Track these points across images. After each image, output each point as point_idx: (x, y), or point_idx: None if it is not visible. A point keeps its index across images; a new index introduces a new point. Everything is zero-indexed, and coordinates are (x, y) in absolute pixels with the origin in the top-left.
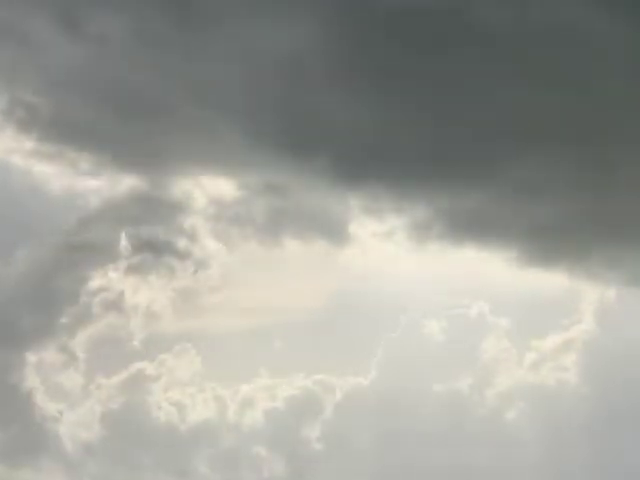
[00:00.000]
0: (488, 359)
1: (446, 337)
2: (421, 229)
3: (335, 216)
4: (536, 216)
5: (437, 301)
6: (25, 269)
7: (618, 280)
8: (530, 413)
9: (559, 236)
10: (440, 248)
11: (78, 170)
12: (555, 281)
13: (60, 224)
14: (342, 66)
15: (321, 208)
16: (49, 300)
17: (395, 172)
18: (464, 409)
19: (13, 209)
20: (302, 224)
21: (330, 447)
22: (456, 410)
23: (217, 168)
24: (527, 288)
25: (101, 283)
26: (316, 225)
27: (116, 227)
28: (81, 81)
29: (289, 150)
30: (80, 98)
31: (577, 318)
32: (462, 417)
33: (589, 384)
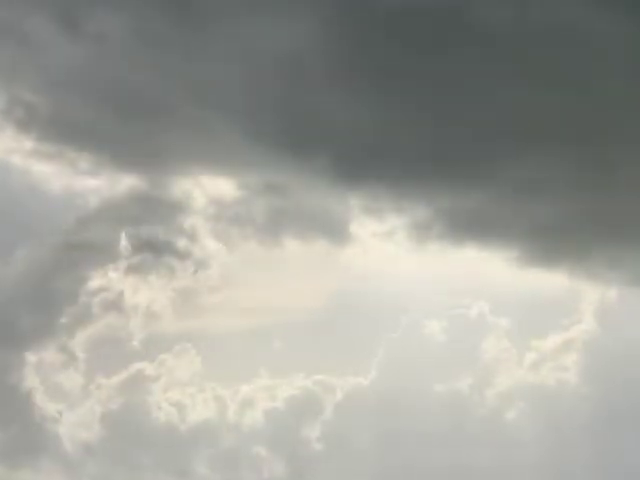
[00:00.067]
0: (488, 359)
1: (446, 337)
2: (421, 229)
3: (335, 216)
4: (536, 216)
5: (437, 301)
6: (24, 269)
7: (618, 280)
8: (530, 413)
9: (559, 236)
10: (440, 248)
11: (77, 170)
12: (555, 281)
13: (59, 224)
14: (342, 66)
15: (321, 208)
16: (49, 300)
17: (395, 172)
18: (464, 409)
19: (12, 209)
20: (302, 224)
21: (330, 447)
22: (456, 410)
23: (217, 168)
24: (527, 288)
25: (101, 283)
26: (316, 225)
27: (116, 227)
28: (80, 81)
29: (289, 150)
30: (79, 98)
31: (577, 318)
32: (462, 417)
33: (589, 384)
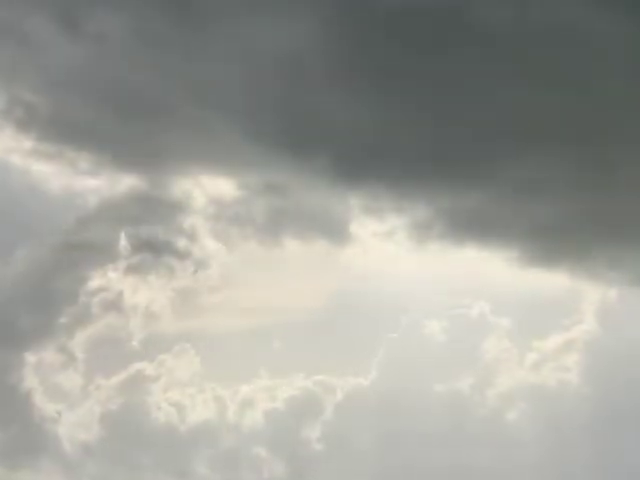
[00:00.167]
0: (489, 359)
1: (447, 337)
2: (422, 229)
3: (335, 216)
4: (537, 216)
5: (438, 301)
6: (24, 269)
7: (619, 280)
8: (531, 413)
9: (560, 236)
10: (441, 248)
11: (77, 170)
12: (556, 281)
13: (59, 224)
14: (342, 66)
15: (321, 208)
16: (48, 300)
17: (395, 172)
18: (465, 409)
19: (12, 209)
20: (302, 224)
21: (330, 448)
22: (457, 410)
23: (217, 168)
24: (528, 288)
25: (100, 283)
26: (316, 225)
27: (115, 227)
28: (80, 81)
29: (289, 150)
30: (79, 98)
31: (578, 318)
32: (463, 417)
33: (590, 384)
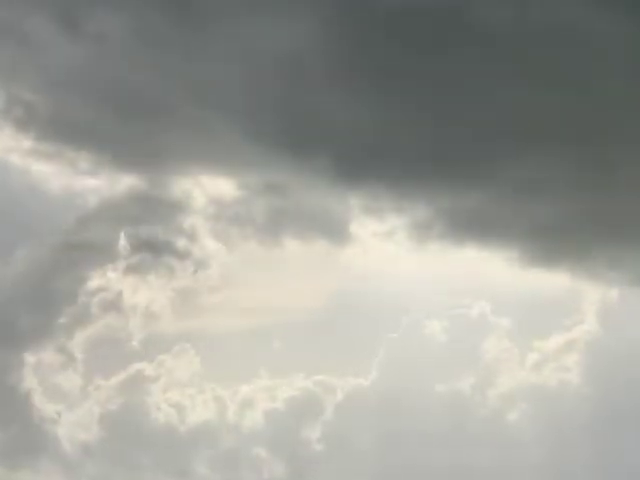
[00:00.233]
0: (490, 359)
1: (447, 337)
2: (422, 229)
3: (335, 216)
4: (537, 216)
5: (438, 301)
6: (23, 269)
7: (620, 280)
8: (532, 414)
9: (561, 236)
10: (441, 248)
11: (77, 169)
12: (557, 281)
13: (59, 224)
14: (342, 66)
15: (321, 208)
16: (47, 300)
17: (395, 172)
18: (466, 410)
19: (12, 209)
20: (302, 224)
21: (331, 448)
22: (457, 411)
23: (217, 168)
24: (529, 288)
25: (100, 283)
26: (316, 225)
27: (115, 227)
28: (80, 80)
29: (289, 150)
30: (79, 97)
31: (579, 318)
32: (464, 418)
33: (591, 384)
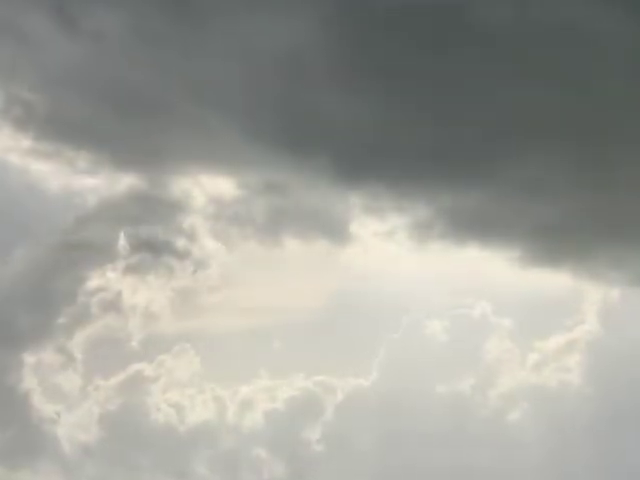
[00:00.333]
0: (491, 360)
1: (448, 337)
2: (422, 228)
3: (336, 215)
4: (539, 216)
5: (439, 301)
6: (22, 269)
7: (621, 280)
8: (533, 414)
9: (562, 236)
10: (442, 248)
11: (76, 169)
12: (558, 281)
13: (58, 223)
14: (342, 64)
15: (321, 207)
16: (47, 300)
17: (396, 171)
18: (466, 410)
19: (10, 208)
20: (302, 223)
21: (331, 449)
22: (458, 411)
23: (216, 167)
24: (530, 288)
25: (99, 283)
26: (316, 224)
27: (114, 226)
28: (79, 79)
29: (289, 149)
30: (78, 96)
31: (580, 318)
32: (464, 418)
33: (592, 385)
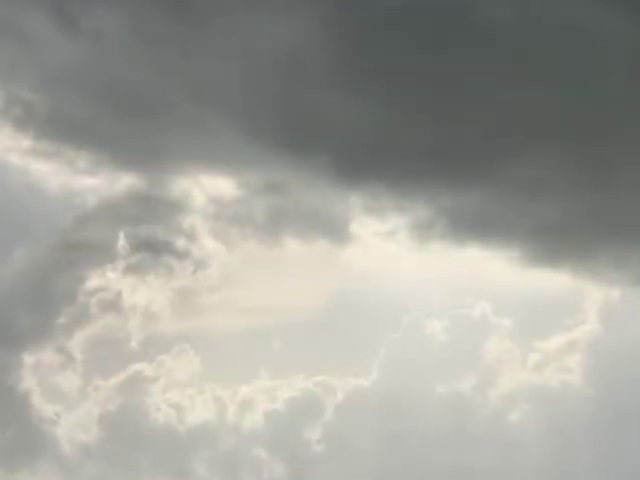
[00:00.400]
0: (491, 360)
1: (448, 337)
2: (423, 228)
3: (336, 215)
4: (539, 215)
5: (439, 301)
6: (22, 268)
7: (622, 280)
8: (533, 414)
9: (562, 236)
10: (442, 247)
11: (75, 168)
12: (559, 281)
13: (57, 223)
14: (342, 64)
15: (322, 207)
16: (46, 300)
17: (396, 171)
18: (467, 410)
19: (10, 208)
20: (302, 223)
21: (331, 449)
22: (458, 411)
23: (216, 167)
24: (530, 288)
25: (99, 283)
26: (316, 224)
27: (114, 226)
28: (78, 78)
29: (289, 149)
30: (77, 96)
31: (581, 318)
32: (465, 418)
33: (593, 385)
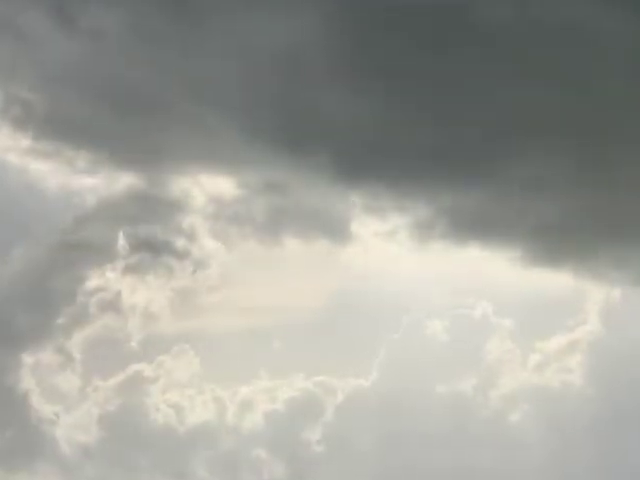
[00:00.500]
0: (492, 360)
1: (449, 338)
2: (423, 228)
3: (336, 215)
4: (540, 215)
5: (440, 301)
6: (21, 268)
7: (623, 280)
8: (534, 415)
9: (563, 235)
10: (443, 247)
11: (75, 168)
12: (560, 281)
13: (56, 223)
14: (342, 62)
15: (322, 206)
16: (45, 300)
17: (397, 170)
18: (467, 411)
19: (9, 208)
20: (302, 223)
21: (331, 449)
22: (459, 412)
23: (216, 166)
24: (531, 288)
25: (98, 283)
26: (317, 224)
27: (113, 226)
28: (77, 77)
29: (289, 148)
30: (76, 94)
31: (582, 319)
32: (465, 419)
33: (594, 385)
